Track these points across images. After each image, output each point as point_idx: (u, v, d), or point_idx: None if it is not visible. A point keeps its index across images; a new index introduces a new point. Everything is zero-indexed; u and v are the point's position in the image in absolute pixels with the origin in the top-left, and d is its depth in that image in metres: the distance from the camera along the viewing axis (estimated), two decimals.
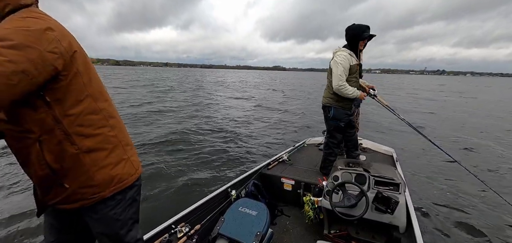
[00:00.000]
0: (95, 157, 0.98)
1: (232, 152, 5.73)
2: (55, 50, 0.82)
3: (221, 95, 18.98)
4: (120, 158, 1.06)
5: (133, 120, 9.01)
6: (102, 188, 1.00)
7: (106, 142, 1.02)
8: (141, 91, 18.94)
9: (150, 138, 6.88)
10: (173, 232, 1.77)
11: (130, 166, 1.10)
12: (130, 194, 1.10)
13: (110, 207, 1.03)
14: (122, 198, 1.06)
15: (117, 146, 1.06)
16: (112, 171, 1.02)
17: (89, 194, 0.98)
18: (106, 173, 1.00)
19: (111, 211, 1.04)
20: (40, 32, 0.79)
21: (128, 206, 1.10)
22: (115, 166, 1.04)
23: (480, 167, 4.64)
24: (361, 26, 2.48)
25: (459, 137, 6.83)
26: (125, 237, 1.10)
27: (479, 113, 11.69)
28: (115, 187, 1.04)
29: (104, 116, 1.02)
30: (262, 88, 27.10)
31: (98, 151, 0.99)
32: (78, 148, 0.93)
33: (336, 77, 2.47)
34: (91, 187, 0.97)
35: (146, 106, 12.45)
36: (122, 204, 1.07)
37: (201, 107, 12.84)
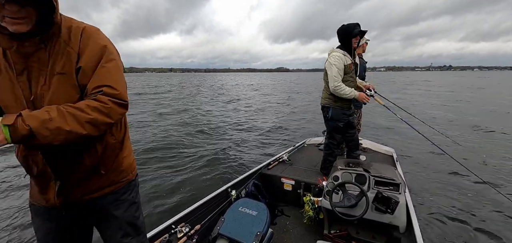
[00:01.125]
0: (123, 147, 1.13)
1: (232, 152, 5.73)
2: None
3: (220, 97, 18.98)
4: (131, 149, 1.22)
5: (137, 121, 9.02)
6: (128, 173, 1.15)
7: (127, 135, 1.18)
8: (145, 95, 18.94)
9: (150, 138, 6.89)
10: (173, 232, 1.77)
11: (133, 157, 1.25)
12: (137, 181, 1.24)
13: (129, 191, 1.15)
14: (135, 184, 1.20)
15: (129, 139, 1.22)
16: (131, 158, 1.18)
17: (119, 177, 1.11)
18: (128, 161, 1.16)
19: (130, 195, 1.16)
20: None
21: (138, 191, 1.24)
22: (130, 155, 1.19)
23: (482, 166, 4.64)
24: (350, 24, 2.50)
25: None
26: (138, 220, 1.20)
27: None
28: (134, 172, 1.19)
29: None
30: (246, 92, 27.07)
31: (124, 142, 1.14)
32: (115, 138, 1.07)
33: (331, 78, 2.48)
34: (121, 172, 1.11)
35: (148, 107, 12.46)
36: (135, 189, 1.20)
37: (201, 108, 12.85)
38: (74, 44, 0.90)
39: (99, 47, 0.93)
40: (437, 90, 22.37)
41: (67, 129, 0.80)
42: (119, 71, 0.97)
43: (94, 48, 0.92)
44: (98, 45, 0.93)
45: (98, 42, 0.93)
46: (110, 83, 0.90)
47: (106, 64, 0.92)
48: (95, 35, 0.94)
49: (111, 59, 0.95)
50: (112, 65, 0.94)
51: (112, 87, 0.90)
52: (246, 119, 9.91)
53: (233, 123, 9.19)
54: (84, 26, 0.94)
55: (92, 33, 0.94)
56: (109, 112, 0.88)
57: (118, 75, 0.96)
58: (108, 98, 0.89)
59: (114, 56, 0.97)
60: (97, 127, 0.87)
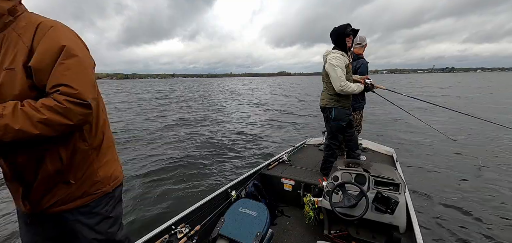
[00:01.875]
0: (100, 154, 1.04)
1: (232, 152, 5.73)
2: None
3: (221, 98, 18.99)
4: (114, 157, 1.13)
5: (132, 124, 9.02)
6: (104, 184, 1.05)
7: (107, 140, 1.08)
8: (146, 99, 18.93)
9: (150, 138, 6.89)
10: (173, 232, 1.77)
11: (118, 165, 1.17)
12: (118, 192, 1.13)
13: (101, 204, 1.05)
14: (112, 196, 1.10)
15: (112, 145, 1.13)
16: (110, 168, 1.08)
17: (93, 189, 1.01)
18: (106, 171, 1.06)
19: (103, 208, 1.05)
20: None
21: (117, 203, 1.13)
22: (111, 164, 1.09)
23: (482, 166, 4.64)
24: (342, 25, 2.54)
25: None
26: (117, 235, 1.11)
27: None
28: (114, 183, 1.09)
29: (105, 115, 1.10)
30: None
31: (102, 149, 1.05)
32: (89, 144, 0.99)
33: (337, 79, 2.48)
34: (95, 183, 1.02)
35: (145, 109, 12.47)
36: (112, 201, 1.09)
37: (201, 110, 12.85)
38: (26, 39, 0.83)
39: (55, 44, 0.85)
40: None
41: (16, 127, 0.76)
42: (82, 68, 0.89)
43: (49, 45, 0.84)
44: (54, 42, 0.85)
45: (54, 38, 0.85)
46: (67, 82, 0.83)
47: (65, 60, 0.85)
48: (51, 31, 0.86)
49: (71, 55, 0.86)
50: (72, 61, 0.86)
51: (69, 86, 0.83)
52: (246, 120, 9.91)
53: (233, 123, 9.20)
54: (40, 21, 0.87)
55: (48, 29, 0.86)
56: (65, 112, 0.82)
57: (79, 72, 0.87)
58: (64, 97, 0.82)
59: (76, 52, 0.88)
60: (51, 127, 0.81)
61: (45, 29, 0.85)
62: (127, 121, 9.06)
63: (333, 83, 2.52)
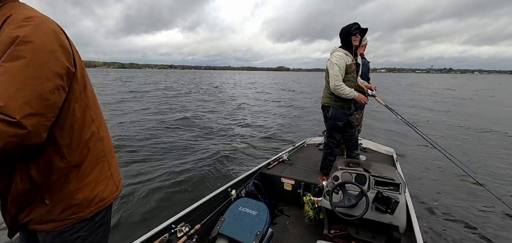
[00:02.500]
0: (82, 173, 0.88)
1: (232, 152, 5.73)
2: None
3: (220, 95, 18.99)
4: (104, 174, 0.97)
5: (131, 120, 9.02)
6: (82, 208, 0.89)
7: (94, 156, 0.93)
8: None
9: (149, 139, 6.89)
10: (173, 231, 1.77)
11: (112, 183, 1.00)
12: (100, 217, 0.97)
13: (73, 230, 0.89)
14: (91, 223, 0.94)
15: (103, 161, 0.97)
16: (95, 189, 0.93)
17: (67, 214, 0.86)
18: (89, 191, 0.91)
19: (75, 234, 0.89)
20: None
21: (97, 229, 0.96)
22: (98, 184, 0.94)
23: (482, 167, 4.64)
24: (349, 24, 2.54)
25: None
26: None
27: None
28: (96, 207, 0.93)
29: (96, 126, 0.94)
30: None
31: (85, 167, 0.89)
32: (68, 162, 0.84)
33: (332, 77, 2.49)
34: (70, 206, 0.87)
35: (145, 103, 12.47)
36: (89, 226, 0.93)
37: (199, 107, 12.85)
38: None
39: (8, 39, 0.66)
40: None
41: None
42: (25, 75, 0.65)
43: (3, 40, 0.67)
44: (8, 36, 0.67)
45: (12, 31, 0.67)
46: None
47: (4, 63, 0.65)
48: (15, 23, 0.68)
49: (17, 56, 0.65)
50: (14, 65, 0.65)
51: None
52: (246, 119, 9.91)
53: (232, 123, 9.19)
54: (12, 13, 0.71)
55: (14, 20, 0.69)
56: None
57: (16, 80, 0.65)
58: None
59: (26, 53, 0.67)
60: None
61: (12, 20, 0.69)
62: (125, 119, 9.06)
63: (330, 80, 2.54)
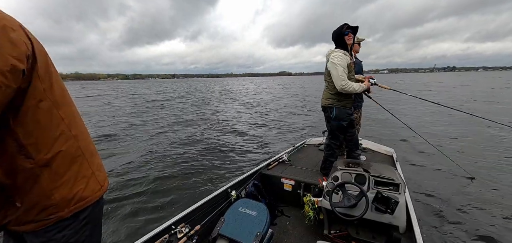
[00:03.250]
0: (55, 172, 0.85)
1: (232, 152, 5.73)
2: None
3: (220, 96, 18.99)
4: (83, 173, 0.94)
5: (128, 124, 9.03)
6: (61, 208, 0.87)
7: (68, 155, 0.89)
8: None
9: (149, 138, 6.90)
10: (173, 232, 1.77)
11: (94, 181, 0.98)
12: (85, 214, 0.94)
13: (57, 228, 0.87)
14: (71, 223, 0.91)
15: (80, 159, 0.94)
16: (73, 188, 0.90)
17: (44, 214, 0.84)
18: (67, 191, 0.88)
19: (59, 233, 0.87)
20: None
21: (83, 226, 0.94)
22: (76, 183, 0.91)
23: (482, 166, 4.64)
24: (340, 25, 2.58)
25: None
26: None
27: None
28: (76, 206, 0.90)
29: (66, 125, 0.90)
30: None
31: (58, 166, 0.86)
32: (35, 162, 0.80)
33: (338, 78, 2.48)
34: (47, 207, 0.84)
35: (142, 109, 12.47)
36: (74, 225, 0.91)
37: (200, 109, 12.85)
38: None
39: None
40: None
41: None
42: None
43: None
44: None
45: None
46: None
47: None
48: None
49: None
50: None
51: None
52: (246, 120, 9.91)
53: (232, 123, 9.20)
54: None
55: None
56: None
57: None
58: None
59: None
60: None
61: None
62: (124, 120, 9.07)
63: (335, 81, 2.53)
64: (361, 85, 2.55)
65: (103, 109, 12.99)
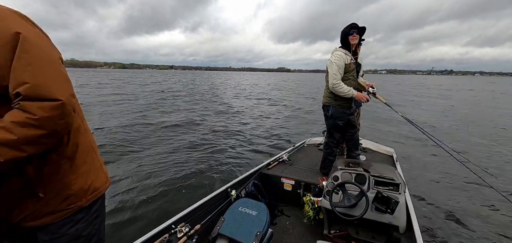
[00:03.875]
0: (75, 163, 0.89)
1: (232, 152, 5.73)
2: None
3: (221, 94, 18.99)
4: (94, 165, 0.98)
5: (128, 121, 9.02)
6: (79, 197, 0.90)
7: (84, 147, 0.94)
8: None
9: (148, 139, 6.89)
10: (173, 232, 1.77)
11: (102, 174, 1.02)
12: (96, 206, 0.99)
13: (72, 222, 0.90)
14: (87, 212, 0.94)
15: (92, 152, 0.98)
16: (88, 179, 0.94)
17: (65, 204, 0.87)
18: (82, 183, 0.91)
19: (73, 227, 0.90)
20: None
21: (94, 219, 0.97)
22: (90, 174, 0.95)
23: (483, 166, 4.64)
24: (348, 25, 2.57)
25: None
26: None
27: None
28: (92, 195, 0.95)
29: (81, 119, 0.95)
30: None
31: (77, 158, 0.90)
32: (60, 153, 0.84)
33: (331, 76, 2.52)
34: (67, 197, 0.87)
35: (138, 104, 12.47)
36: (86, 217, 0.94)
37: (199, 106, 12.85)
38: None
39: (8, 35, 0.67)
40: None
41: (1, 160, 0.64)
42: (47, 61, 0.73)
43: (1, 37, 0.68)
44: (6, 32, 0.67)
45: (5, 28, 0.68)
46: (31, 80, 0.68)
47: (23, 54, 0.68)
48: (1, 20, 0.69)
49: (30, 46, 0.70)
50: (33, 54, 0.70)
51: (35, 85, 0.68)
52: (246, 119, 9.91)
53: (232, 122, 9.19)
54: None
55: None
56: (41, 123, 0.67)
57: (44, 66, 0.71)
58: (35, 104, 0.67)
59: (36, 41, 0.72)
60: (32, 145, 0.68)
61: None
62: (125, 116, 9.06)
63: (328, 78, 2.57)
64: (352, 90, 2.52)
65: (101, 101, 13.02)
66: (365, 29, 2.58)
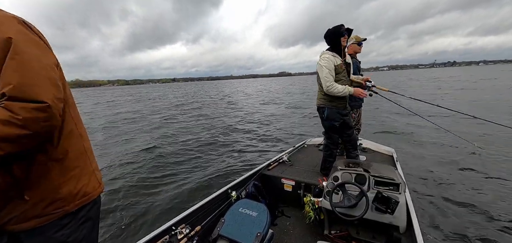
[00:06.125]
0: (65, 167, 0.88)
1: (232, 153, 5.73)
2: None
3: (220, 97, 19.00)
4: (86, 170, 0.97)
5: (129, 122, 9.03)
6: (67, 201, 0.88)
7: (75, 151, 0.93)
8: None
9: (149, 139, 6.90)
10: (174, 233, 1.77)
11: (94, 179, 1.01)
12: (85, 211, 0.96)
13: (57, 227, 0.87)
14: (75, 217, 0.92)
15: (84, 157, 0.98)
16: (79, 183, 0.93)
17: (51, 208, 0.85)
18: (71, 187, 0.90)
19: (58, 232, 0.88)
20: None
21: (81, 225, 0.94)
22: (81, 178, 0.94)
23: (483, 166, 4.63)
24: (336, 26, 2.57)
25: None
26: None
27: None
28: (81, 201, 0.93)
29: (75, 123, 0.96)
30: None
31: (67, 161, 0.89)
32: (48, 155, 0.83)
33: (323, 79, 2.53)
34: (55, 201, 0.86)
35: (137, 109, 12.47)
36: (73, 223, 0.91)
37: (199, 109, 12.85)
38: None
39: (2, 39, 0.71)
40: None
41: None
42: (36, 64, 0.74)
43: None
44: (0, 37, 0.71)
45: (0, 32, 0.71)
46: (17, 81, 0.69)
47: (14, 56, 0.71)
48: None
49: (20, 50, 0.72)
50: (22, 57, 0.72)
51: (21, 86, 0.69)
52: (246, 120, 9.91)
53: (232, 123, 9.20)
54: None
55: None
56: (24, 122, 0.68)
57: (32, 69, 0.73)
58: (18, 104, 0.68)
59: (27, 46, 0.74)
60: (14, 144, 0.68)
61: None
62: (124, 119, 9.07)
63: (322, 83, 2.57)
64: (347, 88, 2.52)
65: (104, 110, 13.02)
66: (352, 30, 2.64)
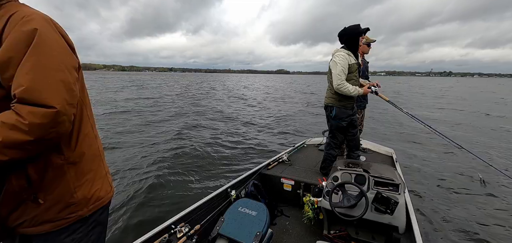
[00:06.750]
0: (80, 170, 0.86)
1: (232, 152, 5.73)
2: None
3: (220, 95, 18.99)
4: (100, 173, 0.95)
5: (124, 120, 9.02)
6: (81, 206, 0.87)
7: (91, 154, 0.91)
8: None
9: (149, 139, 6.89)
10: (173, 232, 1.77)
11: (107, 183, 0.99)
12: (96, 216, 0.94)
13: (68, 232, 0.85)
14: (88, 221, 0.91)
15: (99, 160, 0.95)
16: (93, 188, 0.90)
17: (66, 213, 0.83)
18: (87, 190, 0.88)
19: (69, 236, 0.86)
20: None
21: (92, 230, 0.93)
22: (95, 182, 0.92)
23: (483, 165, 4.64)
24: (354, 25, 2.56)
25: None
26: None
27: None
28: (94, 205, 0.91)
29: (91, 125, 0.93)
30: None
31: (83, 164, 0.87)
32: (65, 158, 0.81)
33: (336, 76, 2.51)
34: (69, 205, 0.84)
35: (134, 105, 12.46)
36: (84, 228, 0.90)
37: (199, 107, 12.86)
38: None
39: (24, 33, 0.68)
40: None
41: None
42: (51, 67, 0.70)
43: (16, 36, 0.68)
44: (23, 31, 0.68)
45: (23, 30, 0.68)
46: (28, 83, 0.65)
47: (31, 57, 0.67)
48: (23, 21, 0.69)
49: (41, 51, 0.69)
50: (40, 59, 0.68)
51: (31, 89, 0.65)
52: (246, 119, 9.91)
53: (232, 123, 9.19)
54: (16, 11, 0.72)
55: (20, 19, 0.70)
56: (30, 128, 0.65)
57: (47, 71, 0.69)
58: (26, 108, 0.65)
59: (48, 47, 0.71)
60: (20, 150, 0.66)
61: (18, 19, 0.70)
62: (124, 116, 9.07)
63: (333, 79, 2.56)
64: (358, 89, 2.54)
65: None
66: (368, 30, 2.60)
